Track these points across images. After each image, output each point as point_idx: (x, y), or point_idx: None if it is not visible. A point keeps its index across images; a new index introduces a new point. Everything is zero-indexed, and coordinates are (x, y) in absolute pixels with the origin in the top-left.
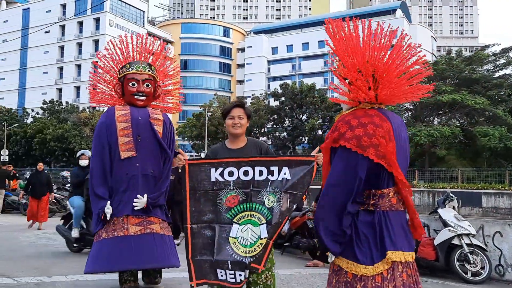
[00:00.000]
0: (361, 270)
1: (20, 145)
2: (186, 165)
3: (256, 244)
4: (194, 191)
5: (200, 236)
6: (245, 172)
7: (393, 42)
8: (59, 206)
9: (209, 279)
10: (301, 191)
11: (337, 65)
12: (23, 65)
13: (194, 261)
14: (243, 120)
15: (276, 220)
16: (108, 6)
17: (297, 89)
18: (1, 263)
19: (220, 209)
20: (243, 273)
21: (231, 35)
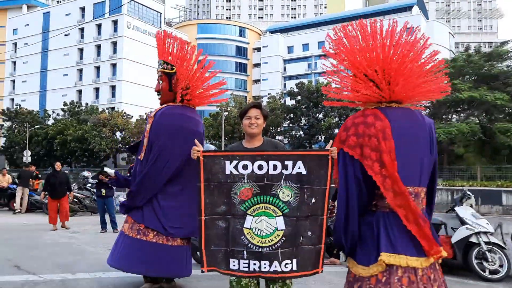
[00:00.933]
0: (358, 270)
1: (42, 146)
2: (200, 157)
3: (273, 235)
4: (209, 183)
5: (214, 227)
6: (259, 166)
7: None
8: (81, 206)
9: (219, 268)
10: (318, 185)
11: (345, 66)
12: (44, 68)
13: (208, 250)
14: (259, 120)
15: (296, 214)
16: (125, 8)
17: (313, 87)
18: (27, 261)
19: (234, 202)
20: (258, 263)
21: (247, 35)
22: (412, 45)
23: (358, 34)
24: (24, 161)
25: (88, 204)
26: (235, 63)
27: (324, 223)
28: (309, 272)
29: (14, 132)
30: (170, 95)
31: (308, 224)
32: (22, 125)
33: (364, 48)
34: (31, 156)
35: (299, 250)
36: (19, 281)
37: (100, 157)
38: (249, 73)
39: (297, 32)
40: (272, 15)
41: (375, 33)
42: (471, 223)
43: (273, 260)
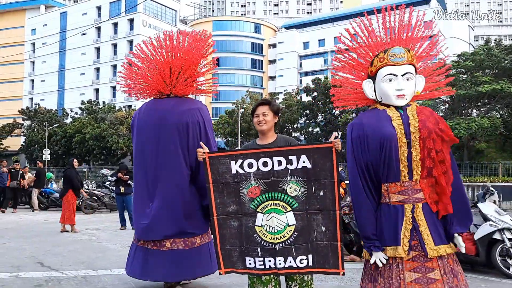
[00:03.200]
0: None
1: (60, 145)
2: (206, 158)
3: (284, 230)
4: (217, 184)
5: (227, 227)
6: (264, 163)
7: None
8: (100, 203)
9: (237, 268)
10: (325, 178)
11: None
12: (61, 67)
13: (223, 249)
14: (267, 117)
15: (305, 207)
16: (141, 7)
17: (329, 83)
18: (50, 258)
19: (244, 200)
20: (273, 259)
21: (262, 31)
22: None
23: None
24: (43, 159)
25: (107, 201)
26: (251, 59)
27: (337, 218)
28: (328, 270)
29: (34, 131)
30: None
31: (321, 219)
32: (41, 124)
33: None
34: (50, 155)
35: (314, 246)
36: (43, 277)
37: (118, 155)
38: (264, 69)
39: (312, 28)
40: (288, 11)
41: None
42: (494, 219)
43: (287, 255)
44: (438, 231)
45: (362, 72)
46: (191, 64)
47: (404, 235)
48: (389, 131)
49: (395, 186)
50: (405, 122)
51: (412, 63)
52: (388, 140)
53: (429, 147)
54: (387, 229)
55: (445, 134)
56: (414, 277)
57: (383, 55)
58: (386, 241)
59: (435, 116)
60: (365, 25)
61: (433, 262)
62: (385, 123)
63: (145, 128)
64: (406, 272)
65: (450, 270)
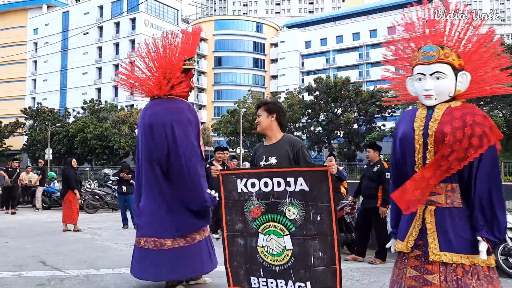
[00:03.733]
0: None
1: (63, 144)
2: (220, 175)
3: (283, 254)
4: (227, 201)
5: (234, 244)
6: (265, 184)
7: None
8: (102, 203)
9: (243, 287)
10: (322, 202)
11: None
12: (63, 67)
13: (232, 267)
14: (260, 118)
15: (302, 233)
16: (143, 6)
17: (331, 82)
18: (52, 257)
19: (247, 219)
20: (275, 281)
21: (264, 30)
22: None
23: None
24: (46, 159)
25: (109, 201)
26: (253, 59)
27: (335, 243)
28: None
29: (36, 131)
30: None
31: (318, 244)
32: (43, 124)
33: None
34: (52, 154)
35: (311, 272)
36: (45, 276)
37: (120, 154)
38: (266, 68)
39: (314, 27)
40: (289, 10)
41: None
42: None
43: (288, 279)
44: (448, 237)
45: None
46: (174, 67)
47: (411, 233)
48: (403, 132)
49: None
50: (426, 124)
51: (446, 61)
52: (403, 140)
53: (440, 151)
54: (402, 224)
55: (474, 139)
56: (413, 274)
57: (417, 53)
58: (399, 234)
59: (467, 119)
60: (411, 18)
61: (433, 266)
62: (408, 123)
63: (139, 126)
64: (408, 267)
65: (455, 279)
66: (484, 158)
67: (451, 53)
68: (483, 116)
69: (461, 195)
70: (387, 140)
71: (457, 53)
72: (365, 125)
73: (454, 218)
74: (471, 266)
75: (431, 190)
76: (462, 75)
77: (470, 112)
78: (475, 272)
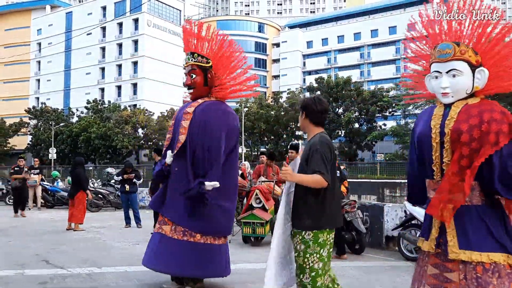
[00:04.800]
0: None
1: (66, 144)
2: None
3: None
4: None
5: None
6: None
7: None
8: (105, 201)
9: None
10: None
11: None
12: (67, 67)
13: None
14: (299, 123)
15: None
16: (146, 7)
17: (332, 82)
18: (55, 255)
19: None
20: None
21: (266, 30)
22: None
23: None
24: (50, 158)
25: (112, 200)
26: (254, 59)
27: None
28: None
29: (40, 130)
30: (204, 90)
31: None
32: (47, 123)
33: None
34: (56, 153)
35: None
36: (48, 274)
37: (123, 153)
38: (268, 68)
39: (316, 27)
40: (291, 10)
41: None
42: None
43: None
44: (467, 235)
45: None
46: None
47: (433, 232)
48: (420, 130)
49: (431, 183)
50: (443, 122)
51: (462, 58)
52: (420, 138)
53: (459, 150)
54: (425, 224)
55: (490, 135)
56: (433, 272)
57: (433, 51)
58: (423, 233)
59: (484, 116)
60: (434, 13)
61: (453, 264)
62: (425, 121)
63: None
64: (429, 265)
65: (474, 277)
66: (504, 153)
67: (468, 49)
68: (502, 113)
69: (480, 193)
70: (388, 139)
71: (474, 49)
72: (366, 125)
73: (473, 216)
74: (491, 264)
75: (461, 191)
76: (479, 72)
77: (488, 109)
78: (496, 270)
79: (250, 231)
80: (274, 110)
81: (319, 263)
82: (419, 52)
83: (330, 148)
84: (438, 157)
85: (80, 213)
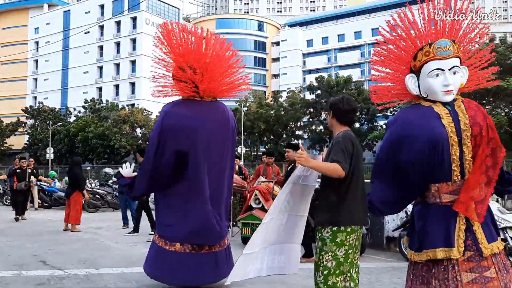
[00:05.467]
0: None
1: (64, 143)
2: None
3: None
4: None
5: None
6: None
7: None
8: (103, 202)
9: None
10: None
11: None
12: (65, 66)
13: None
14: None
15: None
16: (144, 5)
17: (333, 81)
18: (52, 256)
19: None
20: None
21: (265, 29)
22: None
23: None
24: (47, 158)
25: (110, 200)
26: (254, 57)
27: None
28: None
29: (37, 130)
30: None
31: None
32: (44, 123)
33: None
34: (53, 153)
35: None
36: (45, 275)
37: (121, 153)
38: (268, 67)
39: (316, 25)
40: (291, 9)
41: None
42: (497, 218)
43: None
44: (489, 229)
45: (401, 66)
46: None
47: (459, 235)
48: (440, 131)
49: (447, 186)
50: (455, 119)
51: (458, 55)
52: (440, 141)
53: (483, 144)
54: (436, 230)
55: (492, 131)
56: (471, 278)
57: (429, 48)
58: (434, 242)
59: (482, 111)
60: (406, 16)
61: (488, 261)
62: (435, 122)
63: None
64: (462, 273)
65: (503, 266)
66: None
67: (460, 47)
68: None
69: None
70: None
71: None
72: (366, 124)
73: (487, 209)
74: (500, 250)
75: (489, 188)
76: (463, 69)
77: (478, 104)
78: (503, 253)
79: (250, 232)
80: (274, 109)
81: (332, 261)
82: (389, 56)
83: (353, 143)
84: (458, 156)
85: (77, 213)
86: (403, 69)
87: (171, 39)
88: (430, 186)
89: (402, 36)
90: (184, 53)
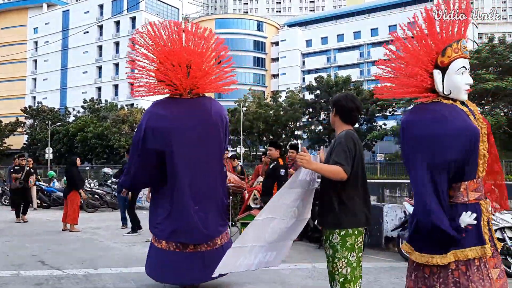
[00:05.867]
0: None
1: (63, 143)
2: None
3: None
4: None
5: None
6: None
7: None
8: (102, 202)
9: None
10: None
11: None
12: (64, 66)
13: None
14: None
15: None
16: (143, 5)
17: (332, 81)
18: (51, 256)
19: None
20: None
21: (264, 29)
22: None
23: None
24: (46, 158)
25: (109, 200)
26: (253, 57)
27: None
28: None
29: (36, 130)
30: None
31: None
32: (43, 123)
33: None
34: (53, 153)
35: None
36: (44, 275)
37: (120, 153)
38: (267, 67)
39: (315, 25)
40: (290, 9)
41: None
42: (495, 218)
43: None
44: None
45: (417, 62)
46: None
47: (485, 232)
48: (474, 127)
49: (473, 184)
50: (474, 117)
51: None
52: (476, 136)
53: (492, 141)
54: (469, 229)
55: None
56: (497, 274)
57: (457, 45)
58: (467, 241)
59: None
60: (428, 13)
61: (498, 254)
62: (463, 119)
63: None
64: (490, 270)
65: (496, 254)
66: None
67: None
68: None
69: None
70: (388, 139)
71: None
72: (365, 124)
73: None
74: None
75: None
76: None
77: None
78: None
79: None
80: (273, 109)
81: (347, 268)
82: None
83: (355, 143)
84: (487, 149)
85: (74, 213)
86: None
87: (152, 37)
88: (460, 185)
89: (423, 33)
90: (166, 50)
